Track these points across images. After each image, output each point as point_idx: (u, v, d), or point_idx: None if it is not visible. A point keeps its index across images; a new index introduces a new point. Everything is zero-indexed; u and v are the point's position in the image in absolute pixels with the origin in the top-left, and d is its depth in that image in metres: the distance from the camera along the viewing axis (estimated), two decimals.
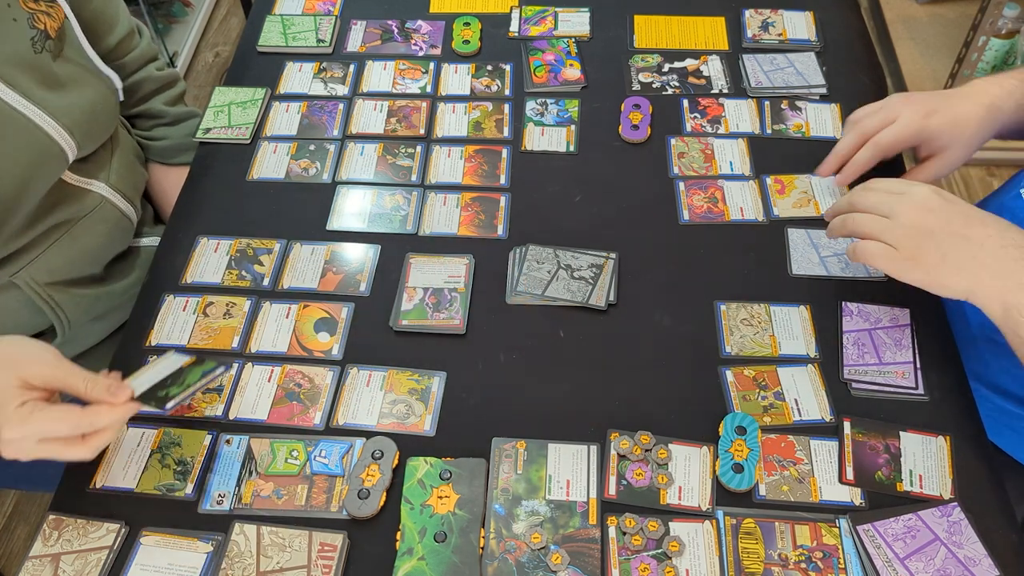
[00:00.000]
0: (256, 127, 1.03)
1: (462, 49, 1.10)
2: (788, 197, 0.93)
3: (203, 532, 0.71)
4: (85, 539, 0.71)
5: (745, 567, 0.68)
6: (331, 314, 0.86)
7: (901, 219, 0.72)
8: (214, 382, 0.75)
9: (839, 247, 0.88)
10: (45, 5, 0.85)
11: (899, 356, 0.80)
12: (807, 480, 0.73)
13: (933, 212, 0.72)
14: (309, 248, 0.91)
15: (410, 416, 0.78)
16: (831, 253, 0.88)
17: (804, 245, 0.89)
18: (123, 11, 1.03)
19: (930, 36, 2.21)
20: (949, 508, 0.70)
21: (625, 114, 1.02)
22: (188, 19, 2.39)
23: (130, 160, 1.01)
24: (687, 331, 0.83)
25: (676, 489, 0.73)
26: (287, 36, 1.13)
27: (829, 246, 0.89)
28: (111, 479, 0.75)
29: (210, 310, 0.86)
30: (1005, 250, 0.68)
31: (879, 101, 0.88)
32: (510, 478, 0.74)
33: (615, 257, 0.88)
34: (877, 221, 0.74)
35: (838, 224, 0.78)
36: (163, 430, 0.78)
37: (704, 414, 0.77)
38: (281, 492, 0.74)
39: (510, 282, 0.87)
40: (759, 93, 1.04)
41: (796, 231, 0.90)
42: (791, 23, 1.12)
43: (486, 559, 0.69)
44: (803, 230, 0.90)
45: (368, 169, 0.98)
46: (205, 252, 0.91)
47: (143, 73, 1.06)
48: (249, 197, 0.97)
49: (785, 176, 0.95)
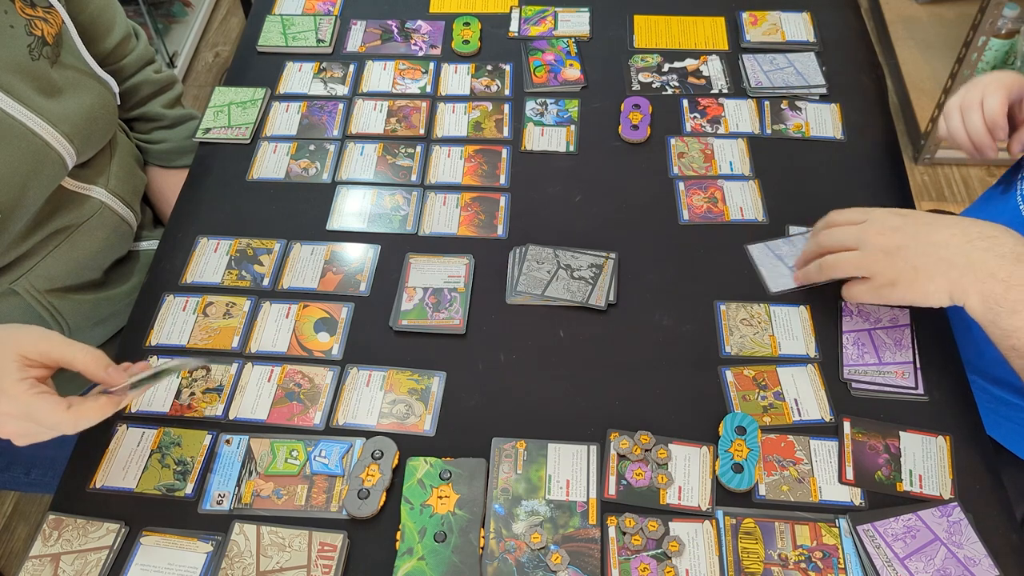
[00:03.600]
0: (256, 127, 1.03)
1: (462, 49, 1.10)
2: None
3: (203, 532, 0.71)
4: (85, 539, 0.71)
5: (745, 567, 0.68)
6: (331, 314, 0.86)
7: (869, 246, 0.73)
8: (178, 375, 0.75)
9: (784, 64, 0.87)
10: (42, 11, 0.85)
11: (899, 356, 0.80)
12: (807, 480, 0.73)
13: (897, 230, 0.73)
14: (309, 248, 0.91)
15: (410, 416, 0.78)
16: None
17: (770, 260, 0.88)
18: (120, 14, 1.03)
19: (930, 36, 2.21)
20: (949, 508, 0.70)
21: (625, 114, 1.02)
22: (188, 19, 2.39)
23: (129, 165, 1.01)
24: (687, 331, 0.83)
25: (676, 489, 0.73)
26: (287, 36, 1.13)
27: (793, 255, 0.87)
28: (111, 479, 0.75)
29: (210, 310, 0.86)
30: (971, 244, 0.69)
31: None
32: (510, 478, 0.74)
33: (615, 257, 0.88)
34: (849, 258, 0.75)
35: (814, 271, 0.79)
36: (163, 430, 0.78)
37: (704, 414, 0.77)
38: (281, 492, 0.74)
39: (510, 282, 0.87)
40: (759, 93, 1.04)
41: (756, 247, 0.89)
42: (789, 24, 1.12)
43: (486, 559, 0.69)
44: (762, 244, 0.89)
45: (368, 169, 0.98)
46: (205, 252, 0.91)
47: (141, 76, 1.06)
48: (249, 197, 0.97)
49: None
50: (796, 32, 1.11)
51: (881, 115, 1.02)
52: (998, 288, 0.67)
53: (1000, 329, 0.68)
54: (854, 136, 0.99)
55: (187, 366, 0.75)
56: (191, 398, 0.80)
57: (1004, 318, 0.67)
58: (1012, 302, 0.67)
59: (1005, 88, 0.82)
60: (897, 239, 0.72)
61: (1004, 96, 0.82)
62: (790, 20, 1.13)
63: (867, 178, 0.95)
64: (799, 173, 0.96)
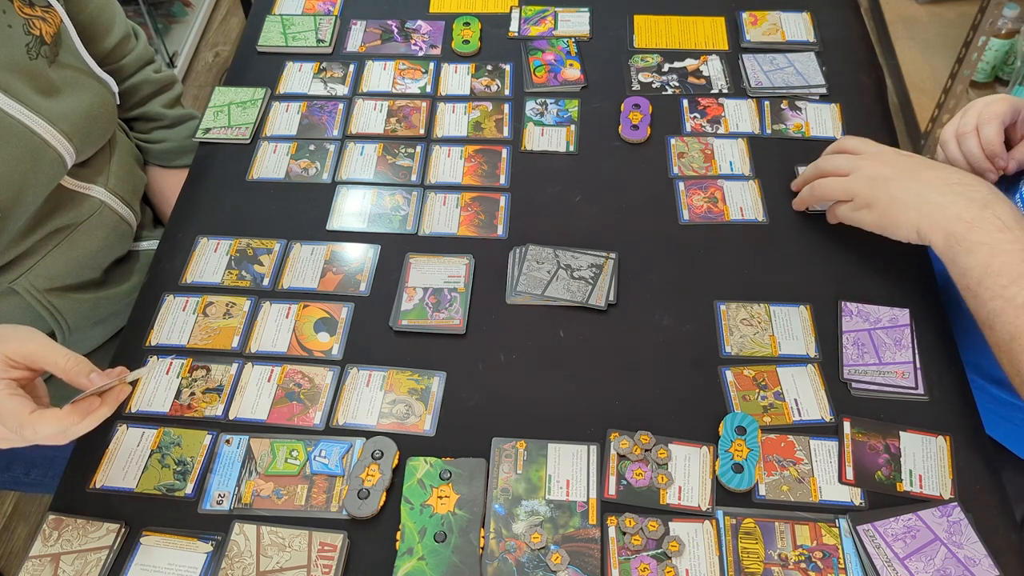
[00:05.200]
0: (256, 127, 1.03)
1: (462, 49, 1.10)
2: None
3: (203, 532, 0.71)
4: (85, 539, 0.71)
5: (745, 567, 0.68)
6: (331, 314, 0.86)
7: (860, 172, 0.80)
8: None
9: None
10: (41, 10, 0.85)
11: (899, 356, 0.80)
12: (807, 480, 0.73)
13: (888, 164, 0.79)
14: (309, 248, 0.91)
15: (410, 416, 0.78)
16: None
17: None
18: (119, 14, 1.03)
19: (930, 36, 2.21)
20: (949, 508, 0.70)
21: (625, 114, 1.02)
22: (188, 19, 2.40)
23: (129, 164, 1.01)
24: (687, 331, 0.83)
25: (676, 489, 0.73)
26: (287, 36, 1.13)
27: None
28: (111, 479, 0.75)
29: (210, 310, 0.86)
30: (950, 187, 0.75)
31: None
32: (510, 478, 0.74)
33: (615, 257, 0.88)
34: (840, 181, 0.82)
35: (806, 193, 0.87)
36: (163, 430, 0.78)
37: (704, 414, 0.77)
38: (281, 492, 0.74)
39: (510, 282, 0.87)
40: (759, 93, 1.04)
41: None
42: (789, 24, 1.12)
43: (486, 559, 0.69)
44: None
45: (368, 169, 0.98)
46: (205, 252, 0.91)
47: (140, 76, 1.06)
48: (249, 197, 0.97)
49: None
50: (796, 32, 1.11)
51: (881, 115, 1.02)
52: (960, 228, 0.72)
53: (958, 268, 0.73)
54: None
55: (141, 374, 0.74)
56: (191, 398, 0.80)
57: (961, 257, 0.72)
58: (970, 243, 0.72)
59: (999, 117, 0.85)
60: (886, 171, 0.79)
61: (999, 124, 0.85)
62: (790, 20, 1.13)
63: None
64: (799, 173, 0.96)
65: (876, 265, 0.87)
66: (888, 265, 0.87)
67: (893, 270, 0.86)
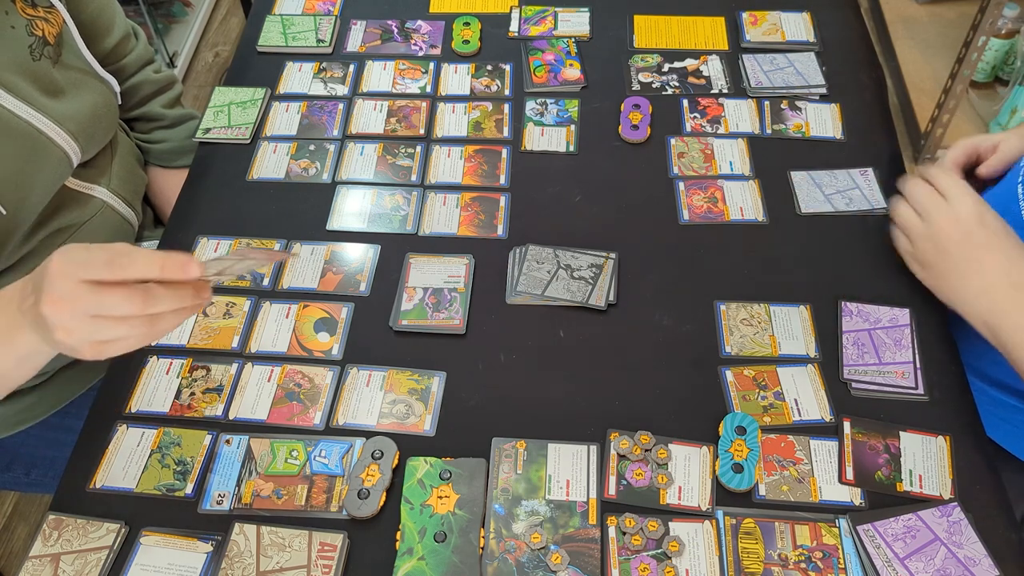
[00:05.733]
0: (256, 127, 1.03)
1: (462, 49, 1.10)
2: None
3: (203, 532, 0.71)
4: (85, 539, 0.71)
5: (745, 567, 0.68)
6: (331, 314, 0.86)
7: (931, 224, 0.78)
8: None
9: (841, 186, 0.93)
10: (43, 11, 0.85)
11: (899, 356, 0.80)
12: (807, 480, 0.73)
13: (961, 229, 0.76)
14: (309, 248, 0.91)
15: (410, 416, 0.78)
16: (834, 191, 0.93)
17: (808, 185, 0.94)
18: (119, 14, 1.03)
19: (930, 36, 2.21)
20: (949, 508, 0.70)
21: (625, 114, 1.02)
22: (188, 19, 2.39)
23: (130, 164, 1.01)
24: (687, 331, 0.83)
25: (676, 489, 0.73)
26: (287, 36, 1.13)
27: (832, 184, 0.93)
28: (111, 479, 0.75)
29: (210, 310, 0.86)
30: (1007, 288, 0.73)
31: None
32: (510, 478, 0.74)
33: (615, 257, 0.88)
34: (912, 218, 0.80)
35: (891, 204, 0.84)
36: (163, 430, 0.78)
37: (704, 414, 0.77)
38: (281, 492, 0.74)
39: (510, 282, 0.87)
40: (759, 93, 1.04)
41: (797, 173, 0.95)
42: (789, 24, 1.12)
43: (486, 559, 0.69)
44: (803, 172, 0.95)
45: (368, 169, 0.98)
46: (205, 252, 0.91)
47: (141, 76, 1.06)
48: (249, 197, 0.97)
49: None
50: (796, 32, 1.11)
51: (881, 115, 1.02)
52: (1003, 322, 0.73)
53: (999, 343, 0.74)
54: (854, 136, 0.99)
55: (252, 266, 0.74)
56: (191, 398, 0.80)
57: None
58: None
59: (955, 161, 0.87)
60: (956, 236, 0.76)
61: (961, 152, 0.87)
62: (790, 20, 1.13)
63: None
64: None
65: (876, 265, 0.87)
66: (888, 265, 0.87)
67: (893, 270, 0.86)
